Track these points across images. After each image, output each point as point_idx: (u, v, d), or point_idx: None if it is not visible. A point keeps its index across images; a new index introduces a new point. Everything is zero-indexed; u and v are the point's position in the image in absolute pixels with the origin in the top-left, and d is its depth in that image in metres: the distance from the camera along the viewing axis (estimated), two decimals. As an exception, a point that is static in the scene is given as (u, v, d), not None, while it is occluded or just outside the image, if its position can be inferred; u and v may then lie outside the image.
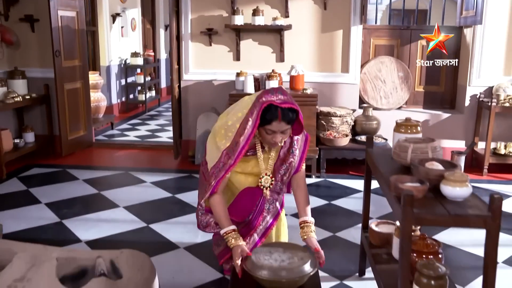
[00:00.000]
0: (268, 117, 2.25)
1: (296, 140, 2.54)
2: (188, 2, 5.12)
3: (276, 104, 2.24)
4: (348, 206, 3.96)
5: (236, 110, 2.46)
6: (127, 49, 8.75)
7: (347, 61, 5.10)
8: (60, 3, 5.15)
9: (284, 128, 2.30)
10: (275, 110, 2.24)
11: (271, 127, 2.28)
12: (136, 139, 6.52)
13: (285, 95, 2.31)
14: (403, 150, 2.17)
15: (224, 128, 2.41)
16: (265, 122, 2.27)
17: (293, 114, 2.29)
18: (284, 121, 2.27)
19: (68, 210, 3.78)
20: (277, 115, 2.24)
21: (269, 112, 2.25)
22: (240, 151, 2.33)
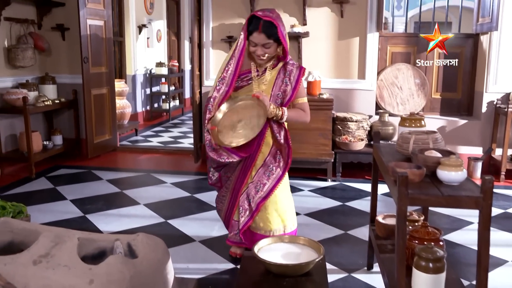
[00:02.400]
0: (250, 28, 2.54)
1: (290, 71, 2.73)
2: (209, 11, 5.33)
3: (258, 16, 2.52)
4: (362, 207, 4.03)
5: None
6: (153, 59, 9.04)
7: (364, 67, 5.21)
8: (89, 13, 5.42)
9: (265, 41, 2.53)
10: (256, 21, 2.52)
11: (253, 38, 2.55)
12: (159, 144, 6.72)
13: (272, 13, 2.57)
14: (406, 141, 2.27)
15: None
16: (249, 34, 2.55)
17: (273, 28, 2.51)
18: (264, 33, 2.51)
19: (92, 205, 3.97)
20: (258, 26, 2.51)
21: (251, 23, 2.54)
22: (237, 62, 2.59)
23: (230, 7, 5.30)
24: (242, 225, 2.74)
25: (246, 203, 2.75)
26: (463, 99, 5.50)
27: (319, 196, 4.36)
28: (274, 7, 5.12)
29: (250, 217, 2.74)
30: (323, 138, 4.75)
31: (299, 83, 2.75)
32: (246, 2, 5.22)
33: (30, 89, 5.13)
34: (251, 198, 2.74)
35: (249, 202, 2.75)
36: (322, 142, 4.76)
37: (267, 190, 2.76)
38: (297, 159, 4.77)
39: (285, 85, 2.72)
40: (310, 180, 4.84)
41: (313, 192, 4.46)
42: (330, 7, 5.15)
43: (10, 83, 5.12)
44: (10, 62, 5.06)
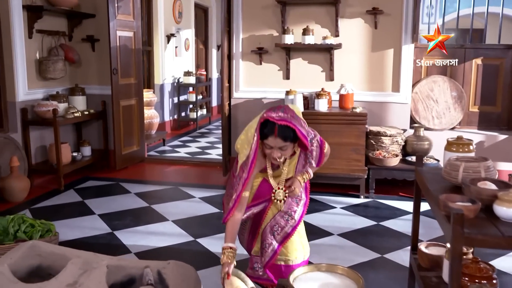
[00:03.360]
0: (265, 132, 2.35)
1: (311, 151, 2.58)
2: (239, 22, 5.25)
3: (273, 120, 2.31)
4: (397, 228, 3.86)
5: (251, 125, 2.57)
6: (180, 68, 9.03)
7: (398, 80, 5.04)
8: (119, 24, 5.41)
9: (281, 144, 2.36)
10: (271, 125, 2.32)
11: (268, 142, 2.37)
12: (186, 155, 6.66)
13: (285, 113, 2.37)
14: (454, 169, 2.11)
15: (244, 139, 2.54)
16: (263, 136, 2.37)
17: (289, 131, 2.34)
18: (280, 137, 2.33)
19: (120, 221, 3.91)
20: (273, 130, 2.32)
21: (266, 127, 2.34)
22: (250, 165, 2.43)
23: (260, 18, 5.21)
24: (267, 260, 2.62)
25: (269, 237, 2.62)
26: (503, 113, 5.27)
27: (352, 214, 4.20)
28: (306, 18, 5.09)
29: (275, 252, 2.62)
30: (356, 153, 4.60)
31: (323, 155, 2.64)
32: (277, 13, 5.12)
33: (60, 101, 5.13)
34: (277, 229, 2.62)
35: (273, 235, 2.62)
36: (355, 157, 4.61)
37: (298, 217, 2.64)
38: (328, 174, 4.64)
39: (309, 163, 2.61)
40: (342, 196, 4.69)
41: (346, 210, 4.31)
42: (364, 18, 5.00)
43: (41, 95, 5.14)
44: (41, 74, 5.08)
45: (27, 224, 3.00)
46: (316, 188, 4.69)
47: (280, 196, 2.57)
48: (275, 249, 2.60)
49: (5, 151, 4.58)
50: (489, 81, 5.23)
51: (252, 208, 2.64)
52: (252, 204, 2.63)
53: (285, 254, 2.67)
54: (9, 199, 4.37)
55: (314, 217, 4.04)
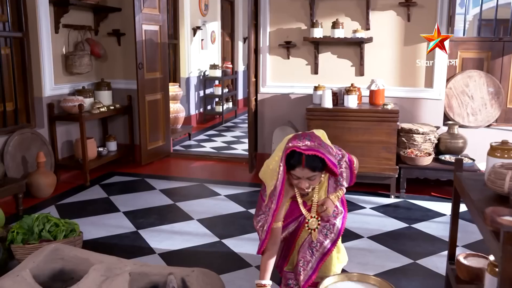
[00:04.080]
0: (292, 163, 2.27)
1: (340, 174, 2.48)
2: (267, 15, 5.11)
3: (300, 150, 2.22)
4: (430, 231, 3.70)
5: (277, 151, 2.47)
6: (206, 61, 8.95)
7: (432, 75, 4.83)
8: (144, 18, 5.34)
9: (309, 174, 2.27)
10: (298, 156, 2.24)
11: (295, 173, 2.29)
12: (212, 150, 6.60)
13: (312, 141, 2.27)
14: (500, 177, 1.95)
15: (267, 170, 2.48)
16: (289, 167, 2.29)
17: (317, 161, 2.24)
18: (308, 168, 2.25)
19: (144, 219, 3.86)
20: (301, 161, 2.24)
21: (293, 158, 2.26)
22: (279, 196, 2.34)
23: (288, 11, 5.06)
24: (306, 279, 2.49)
25: (308, 253, 2.50)
26: (543, 110, 5.01)
27: (382, 215, 4.05)
28: (335, 11, 4.92)
29: (314, 270, 2.50)
30: (387, 152, 4.43)
31: (354, 175, 2.57)
32: (306, 6, 4.97)
33: (86, 96, 5.11)
34: (316, 245, 2.50)
35: (312, 253, 2.50)
36: (386, 156, 4.44)
37: (337, 231, 2.52)
38: (358, 173, 4.46)
39: (340, 186, 2.53)
40: (372, 196, 4.54)
41: (375, 211, 4.16)
42: (396, 11, 4.80)
43: (67, 90, 5.13)
44: (67, 69, 5.07)
45: (52, 223, 2.97)
46: (345, 187, 4.55)
47: (313, 225, 2.49)
48: (314, 267, 2.49)
49: (32, 146, 4.59)
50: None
51: (284, 230, 2.54)
52: (284, 224, 2.53)
53: (322, 272, 2.57)
54: (36, 195, 4.38)
55: (342, 218, 3.91)
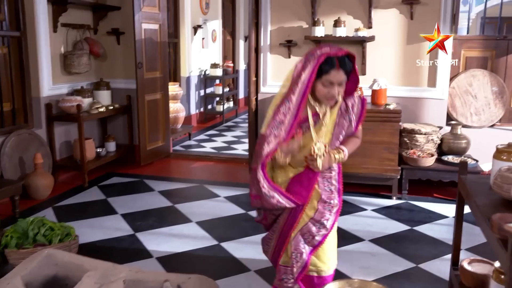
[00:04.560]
0: (325, 68, 2.15)
1: (352, 106, 2.35)
2: (268, 13, 5.05)
3: (332, 54, 2.15)
4: (433, 234, 3.63)
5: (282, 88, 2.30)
6: (207, 60, 8.88)
7: (435, 74, 4.75)
8: (144, 17, 5.28)
9: (342, 78, 2.18)
10: (332, 59, 2.15)
11: (329, 77, 2.16)
12: (212, 150, 6.53)
13: (335, 46, 2.21)
14: (507, 181, 1.88)
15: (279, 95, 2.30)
16: (321, 73, 2.16)
17: (349, 62, 2.19)
18: (342, 69, 2.16)
19: (142, 222, 3.80)
20: (335, 63, 2.15)
21: (325, 62, 2.15)
22: (299, 106, 2.19)
23: (289, 9, 4.99)
24: (299, 271, 2.42)
25: (301, 245, 2.41)
26: (548, 110, 4.93)
27: (384, 217, 3.99)
28: (337, 9, 4.85)
29: (306, 262, 2.41)
30: (389, 152, 4.36)
31: (363, 116, 2.39)
32: (307, 4, 4.90)
33: (85, 96, 5.05)
34: (308, 237, 2.41)
35: (305, 243, 2.41)
36: (388, 156, 4.37)
37: (330, 226, 2.43)
38: (360, 174, 4.43)
39: (348, 122, 2.36)
40: (373, 197, 4.47)
41: (377, 212, 4.09)
42: (399, 8, 4.73)
43: (65, 89, 5.07)
44: (66, 69, 5.01)
45: (47, 227, 2.91)
46: (347, 188, 4.45)
47: (321, 150, 2.26)
48: (306, 259, 2.41)
49: (29, 147, 4.53)
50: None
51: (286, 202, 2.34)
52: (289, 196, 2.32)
53: (317, 265, 2.49)
54: (34, 197, 4.33)
55: (344, 220, 3.85)
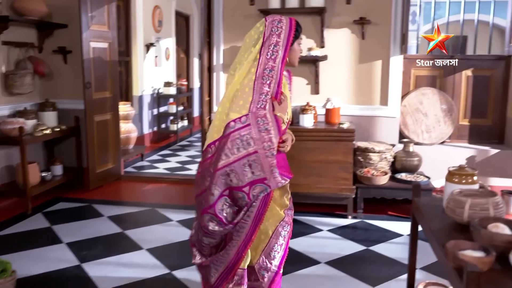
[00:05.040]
0: (298, 30, 2.32)
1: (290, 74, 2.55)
2: (220, 33, 4.99)
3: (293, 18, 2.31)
4: (389, 253, 3.61)
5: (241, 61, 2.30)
6: (161, 78, 8.72)
7: (386, 93, 4.82)
8: (92, 35, 5.10)
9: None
10: (297, 22, 2.32)
11: (300, 40, 2.39)
12: (165, 171, 6.35)
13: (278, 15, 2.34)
14: (459, 205, 1.86)
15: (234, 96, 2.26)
16: (296, 37, 2.33)
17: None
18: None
19: (89, 251, 3.58)
20: (300, 26, 2.35)
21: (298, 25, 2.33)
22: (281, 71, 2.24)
23: (242, 28, 4.89)
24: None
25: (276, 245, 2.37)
26: (494, 126, 5.09)
27: (340, 238, 3.94)
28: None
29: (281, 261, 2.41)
30: (343, 171, 4.34)
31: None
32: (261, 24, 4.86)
33: (28, 117, 4.78)
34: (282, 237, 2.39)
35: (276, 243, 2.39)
36: (342, 176, 4.35)
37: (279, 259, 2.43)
38: (315, 194, 4.39)
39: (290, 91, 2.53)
40: (329, 217, 4.43)
41: (333, 233, 4.04)
42: (351, 28, 4.78)
43: (7, 111, 4.79)
44: (7, 89, 4.74)
45: (-20, 263, 2.68)
46: (302, 208, 4.44)
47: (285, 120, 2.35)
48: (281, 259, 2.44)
49: (-34, 173, 4.24)
50: (480, 93, 5.05)
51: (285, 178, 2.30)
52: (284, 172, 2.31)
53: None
54: (-30, 226, 4.03)
55: (300, 242, 3.78)
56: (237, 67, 2.30)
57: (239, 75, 2.25)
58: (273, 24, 2.21)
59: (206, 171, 2.26)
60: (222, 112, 2.26)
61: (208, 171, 2.24)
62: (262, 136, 2.17)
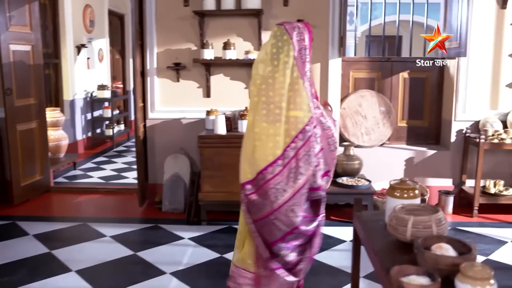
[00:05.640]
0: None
1: None
2: (153, 35, 4.74)
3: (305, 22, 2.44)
4: (332, 262, 3.53)
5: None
6: (94, 81, 8.28)
7: (326, 96, 4.76)
8: (12, 37, 4.70)
9: None
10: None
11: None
12: (99, 180, 6.00)
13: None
14: (402, 223, 1.77)
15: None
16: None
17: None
18: None
19: (11, 277, 3.25)
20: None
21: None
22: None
23: (177, 31, 4.73)
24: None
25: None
26: (431, 128, 5.16)
27: (282, 247, 3.82)
28: (227, 31, 4.67)
29: None
30: (285, 178, 4.23)
31: None
32: (195, 26, 4.67)
33: None
34: None
35: None
36: (284, 182, 4.24)
37: None
38: (256, 202, 4.24)
39: None
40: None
41: (276, 242, 3.92)
42: (288, 31, 4.67)
43: None
44: None
45: None
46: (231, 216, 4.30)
47: None
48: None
49: None
50: (416, 95, 5.11)
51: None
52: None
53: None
54: None
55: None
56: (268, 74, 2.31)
57: (280, 82, 2.28)
58: (296, 31, 2.32)
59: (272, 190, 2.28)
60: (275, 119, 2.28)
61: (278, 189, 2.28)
62: (326, 133, 2.42)
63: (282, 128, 2.27)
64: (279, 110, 2.26)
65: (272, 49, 2.32)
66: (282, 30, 2.32)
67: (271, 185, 2.26)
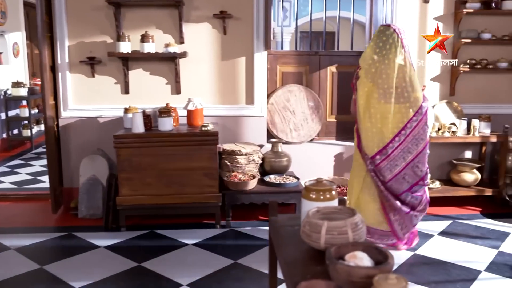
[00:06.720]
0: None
1: None
2: (64, 26, 4.35)
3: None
4: (257, 266, 3.33)
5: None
6: (9, 78, 7.64)
7: (252, 91, 4.58)
8: None
9: None
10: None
11: None
12: (11, 186, 5.48)
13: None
14: (315, 229, 1.59)
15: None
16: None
17: None
18: None
19: None
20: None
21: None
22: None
23: (90, 22, 4.37)
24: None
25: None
26: (359, 122, 5.10)
27: (206, 251, 3.60)
28: (146, 23, 4.33)
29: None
30: (209, 178, 4.00)
31: None
32: (110, 17, 4.33)
33: None
34: None
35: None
36: (208, 183, 4.01)
37: None
38: (178, 205, 4.00)
39: None
40: (196, 228, 4.07)
41: (199, 247, 3.68)
42: (211, 23, 4.44)
43: None
44: None
45: None
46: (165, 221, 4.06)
47: None
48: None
49: None
50: (345, 89, 5.02)
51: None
52: None
53: None
54: None
55: (159, 262, 3.37)
56: (377, 65, 3.26)
57: (395, 71, 3.22)
58: (400, 31, 3.23)
59: (397, 157, 3.23)
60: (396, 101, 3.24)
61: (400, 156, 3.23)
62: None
63: (407, 106, 3.18)
64: (407, 93, 3.18)
65: (381, 42, 3.24)
66: (388, 29, 3.24)
67: (398, 150, 3.17)
